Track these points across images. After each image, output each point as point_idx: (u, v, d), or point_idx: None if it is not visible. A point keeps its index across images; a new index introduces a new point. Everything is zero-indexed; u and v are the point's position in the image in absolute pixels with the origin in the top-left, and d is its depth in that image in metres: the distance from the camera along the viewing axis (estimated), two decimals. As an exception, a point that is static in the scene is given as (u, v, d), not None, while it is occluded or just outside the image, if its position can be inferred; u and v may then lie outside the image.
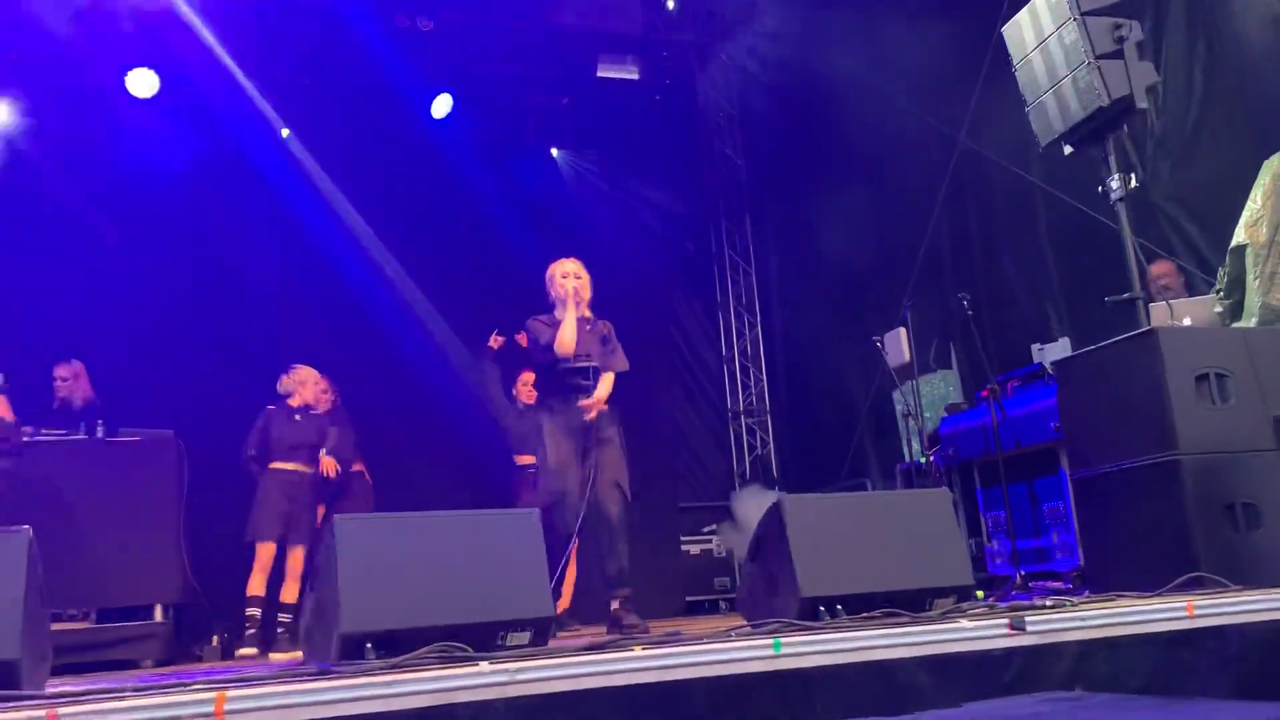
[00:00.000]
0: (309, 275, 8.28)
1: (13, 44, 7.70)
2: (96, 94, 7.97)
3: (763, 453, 9.86)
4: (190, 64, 7.96)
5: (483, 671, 2.66)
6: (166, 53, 7.92)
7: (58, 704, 2.35)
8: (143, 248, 7.90)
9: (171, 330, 7.72)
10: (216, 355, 7.56)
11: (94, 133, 8.01)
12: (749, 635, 3.10)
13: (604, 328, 5.44)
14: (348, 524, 3.15)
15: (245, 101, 8.36)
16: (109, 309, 7.68)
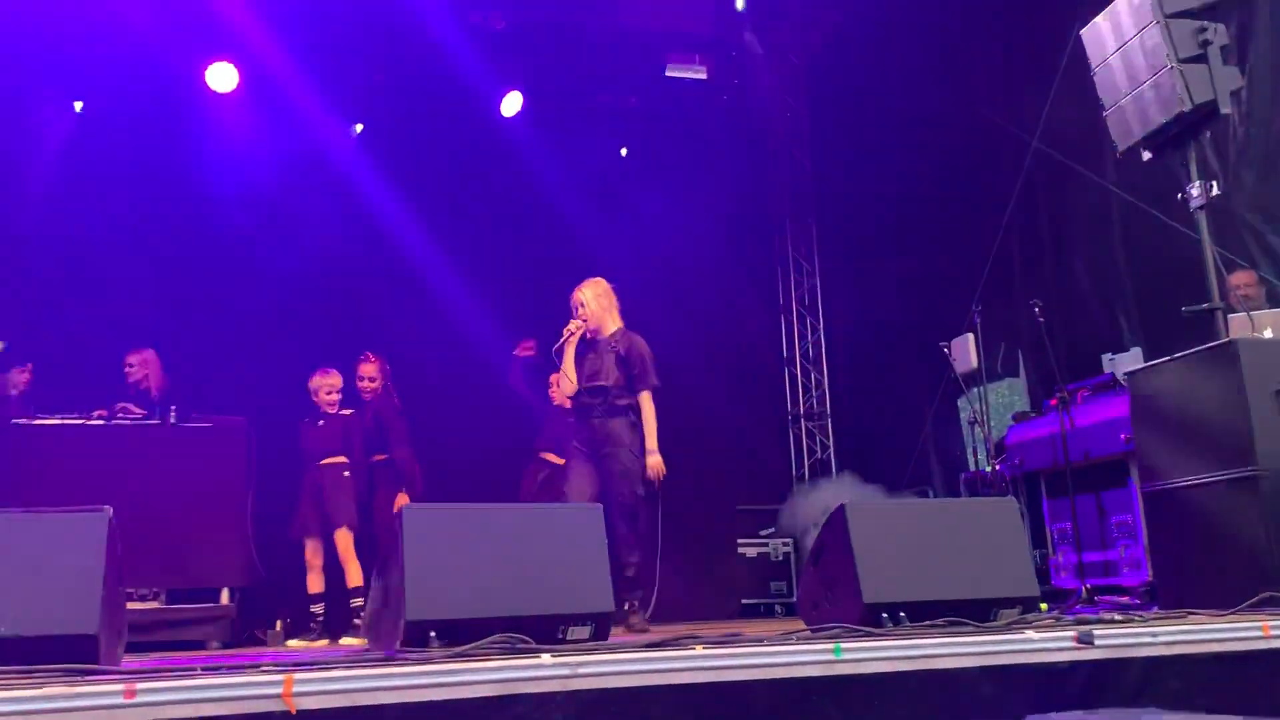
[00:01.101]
0: (378, 269, 8.41)
1: (95, 35, 7.92)
2: (176, 87, 8.15)
3: (823, 456, 9.79)
4: (268, 59, 8.11)
5: (544, 664, 2.69)
6: (245, 48, 8.08)
7: (135, 679, 2.42)
8: (221, 239, 8.08)
9: (245, 319, 7.89)
10: (288, 345, 7.69)
11: (173, 124, 8.21)
12: (810, 639, 3.09)
13: (622, 346, 5.47)
14: (415, 513, 3.20)
15: (320, 97, 8.50)
16: (186, 298, 7.88)
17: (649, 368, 5.41)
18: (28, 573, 2.82)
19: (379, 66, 8.72)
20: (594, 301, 5.53)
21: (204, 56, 8.11)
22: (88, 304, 7.51)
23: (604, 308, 5.55)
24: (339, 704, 2.50)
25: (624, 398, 5.38)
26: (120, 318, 7.38)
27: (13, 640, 2.71)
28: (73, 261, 7.70)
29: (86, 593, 2.78)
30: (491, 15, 8.34)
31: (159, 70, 8.09)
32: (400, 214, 8.50)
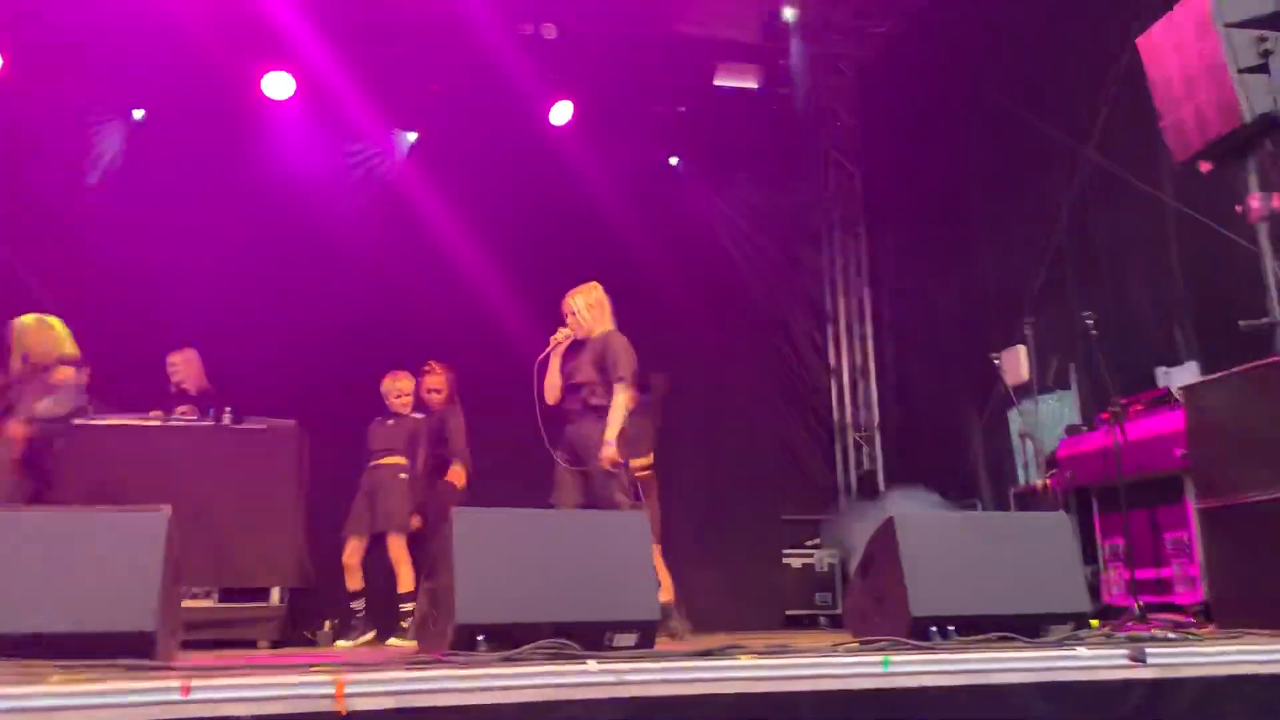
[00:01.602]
0: (428, 275, 8.47)
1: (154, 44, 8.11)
2: (234, 95, 8.31)
3: (870, 468, 9.72)
4: (323, 68, 8.24)
5: (591, 671, 2.70)
6: (301, 57, 8.22)
7: (192, 676, 2.47)
8: (275, 244, 8.21)
9: (299, 323, 7.99)
10: (341, 349, 7.75)
11: (230, 131, 8.37)
12: (858, 651, 3.08)
13: (599, 344, 5.40)
14: (465, 516, 3.23)
15: (373, 105, 8.62)
16: (240, 301, 8.01)
17: (620, 361, 5.27)
18: (88, 569, 2.89)
19: (432, 75, 8.82)
20: (585, 310, 5.50)
21: (261, 65, 8.24)
22: (144, 305, 7.65)
23: (595, 317, 5.50)
24: (389, 705, 2.53)
25: (597, 397, 5.28)
26: (176, 319, 7.50)
27: (72, 635, 2.78)
28: (129, 263, 7.84)
29: (145, 590, 2.84)
30: (543, 25, 8.39)
31: (217, 79, 8.24)
32: (450, 221, 8.57)
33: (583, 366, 5.35)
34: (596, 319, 5.48)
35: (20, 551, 2.88)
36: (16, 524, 3.00)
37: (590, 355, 5.36)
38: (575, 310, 5.50)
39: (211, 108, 8.35)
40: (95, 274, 7.76)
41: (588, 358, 5.36)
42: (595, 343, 5.41)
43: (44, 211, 7.82)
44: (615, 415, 5.17)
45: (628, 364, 5.29)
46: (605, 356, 5.30)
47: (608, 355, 5.29)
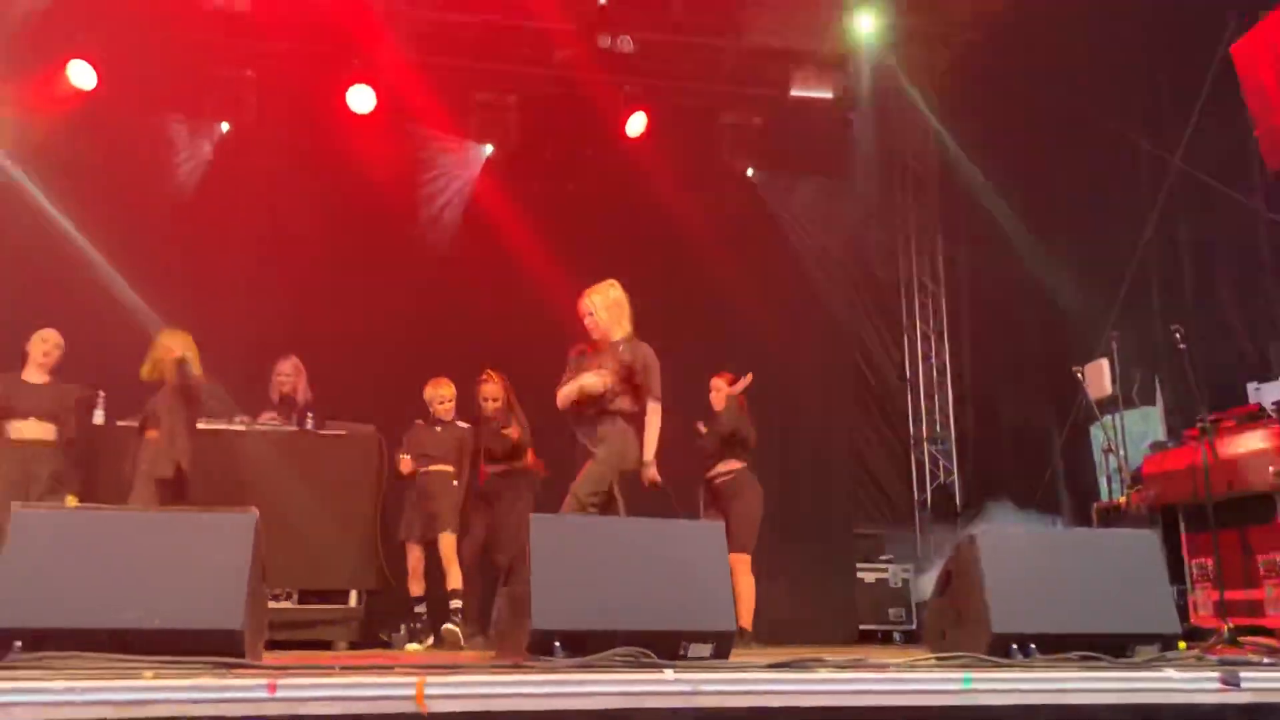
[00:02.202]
0: (502, 286, 8.56)
1: (240, 58, 8.36)
2: (319, 107, 8.50)
3: (946, 482, 9.57)
4: (404, 82, 8.40)
5: (667, 680, 2.70)
6: (383, 71, 8.38)
7: (278, 675, 2.52)
8: (354, 254, 8.38)
9: (379, 331, 8.14)
10: (418, 357, 7.84)
11: (314, 143, 8.57)
12: (937, 667, 3.03)
13: (628, 354, 5.15)
14: (543, 523, 3.26)
15: (451, 117, 8.76)
16: (320, 309, 8.18)
17: (655, 378, 5.12)
18: (179, 568, 2.98)
19: (509, 88, 8.93)
20: (603, 310, 5.29)
21: (345, 79, 8.42)
22: (228, 313, 7.83)
23: (613, 317, 5.28)
24: (468, 708, 2.56)
25: (618, 404, 5.09)
26: (260, 327, 7.68)
27: (164, 631, 2.86)
28: (213, 273, 8.06)
29: (233, 590, 2.92)
30: (620, 37, 8.44)
31: (301, 92, 8.45)
32: (524, 232, 8.65)
33: (623, 385, 5.11)
34: (614, 320, 5.27)
35: (115, 550, 2.98)
36: (111, 523, 3.10)
37: (614, 363, 5.12)
38: (592, 310, 5.29)
39: (295, 120, 8.55)
40: (182, 283, 7.98)
41: (610, 364, 5.12)
42: (620, 350, 5.17)
43: (134, 223, 8.06)
44: (653, 435, 5.03)
45: (657, 378, 5.13)
46: (636, 370, 5.10)
47: (637, 367, 5.10)
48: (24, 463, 5.74)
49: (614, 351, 5.17)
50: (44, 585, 2.89)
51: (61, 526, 3.06)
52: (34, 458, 5.78)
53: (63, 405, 5.94)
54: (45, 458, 5.81)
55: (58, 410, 5.91)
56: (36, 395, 5.87)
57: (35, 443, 5.81)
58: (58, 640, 2.77)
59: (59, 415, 5.91)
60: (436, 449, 6.50)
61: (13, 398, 5.81)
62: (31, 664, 2.66)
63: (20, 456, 5.75)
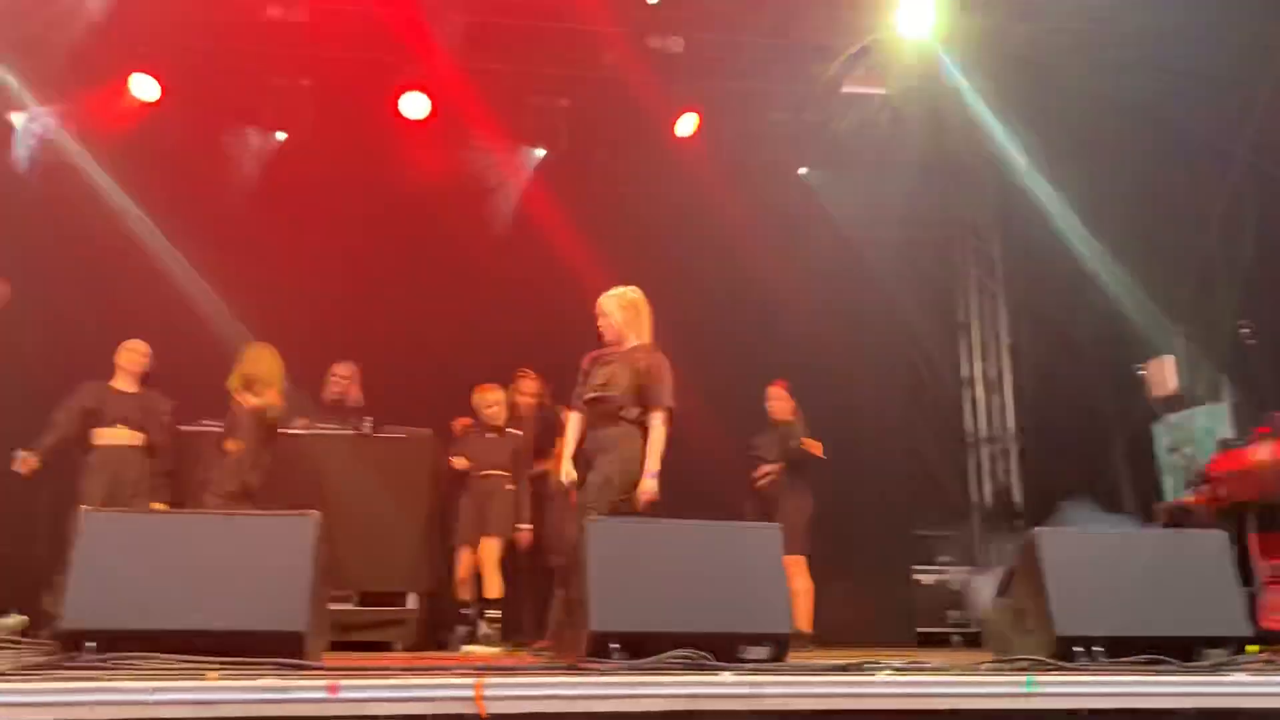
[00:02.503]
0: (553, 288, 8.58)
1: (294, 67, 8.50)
2: (373, 114, 8.61)
3: (1005, 482, 9.42)
4: (455, 88, 8.47)
5: (725, 682, 2.69)
6: (436, 77, 8.46)
7: (339, 676, 2.56)
8: (408, 260, 8.49)
9: (435, 334, 8.22)
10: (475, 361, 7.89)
11: (368, 150, 8.68)
12: (999, 670, 2.98)
13: (643, 362, 4.99)
14: (598, 526, 3.26)
15: (503, 121, 8.81)
16: (373, 313, 8.29)
17: (667, 387, 4.93)
18: (242, 571, 3.03)
19: (561, 90, 8.96)
20: (618, 312, 5.15)
21: (399, 86, 8.52)
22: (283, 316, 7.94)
23: (627, 320, 5.13)
24: (527, 710, 2.57)
25: (630, 411, 4.92)
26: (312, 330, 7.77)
27: (227, 634, 2.91)
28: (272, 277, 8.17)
29: (295, 592, 2.96)
30: (670, 38, 8.43)
31: (355, 99, 8.56)
32: (577, 235, 8.66)
33: (620, 381, 4.94)
34: (629, 324, 5.12)
35: (181, 552, 3.04)
36: (177, 526, 3.17)
37: (628, 371, 4.95)
38: (607, 312, 5.17)
39: (350, 128, 8.66)
40: (240, 288, 8.13)
41: (623, 371, 4.96)
42: (635, 357, 5.01)
43: (194, 231, 8.24)
44: (658, 446, 4.81)
45: (669, 390, 4.94)
46: (649, 378, 4.92)
47: (653, 377, 4.93)
48: (112, 469, 5.91)
49: (627, 358, 5.02)
50: (113, 587, 2.96)
51: (129, 529, 3.13)
52: (121, 463, 5.94)
53: (150, 414, 6.12)
54: (132, 464, 5.98)
55: (145, 419, 6.09)
56: (125, 403, 6.06)
57: (123, 449, 5.98)
58: (127, 641, 2.83)
59: (146, 423, 6.09)
60: (491, 455, 6.55)
61: (103, 405, 5.99)
62: (102, 664, 2.72)
63: (108, 462, 5.91)
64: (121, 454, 5.98)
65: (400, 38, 8.20)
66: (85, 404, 5.98)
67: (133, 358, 6.16)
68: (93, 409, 5.98)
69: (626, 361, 5.00)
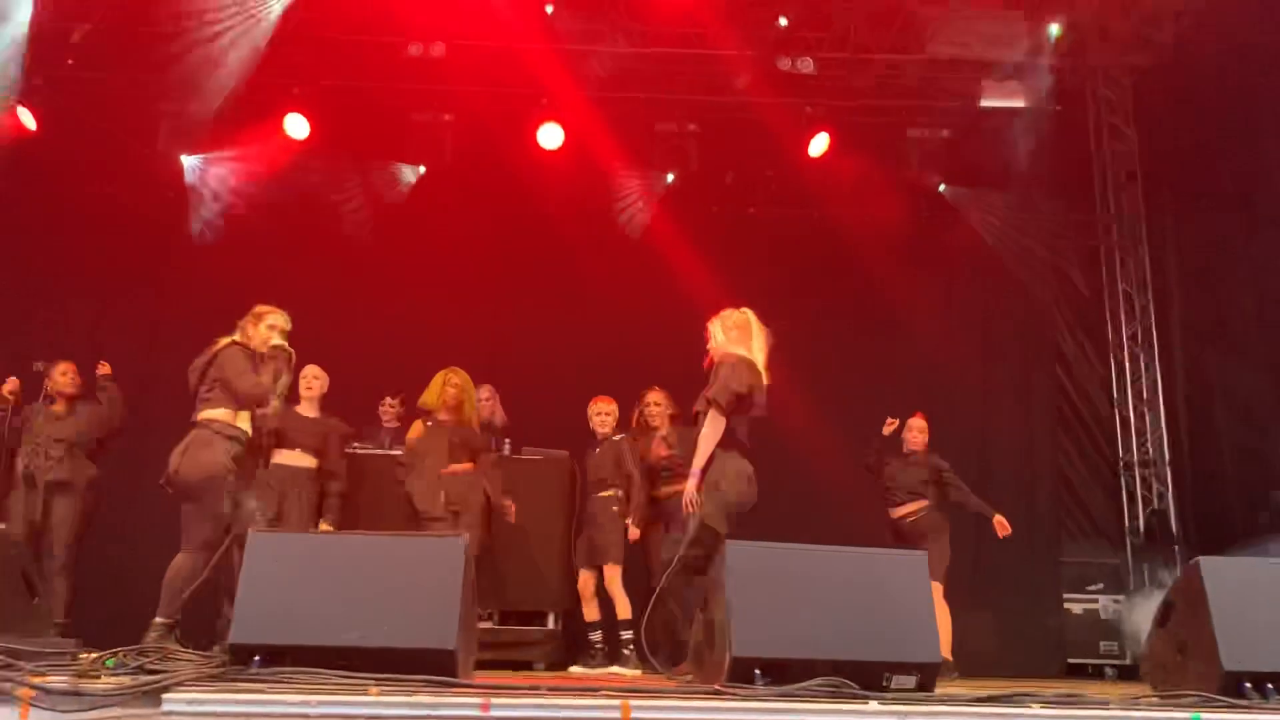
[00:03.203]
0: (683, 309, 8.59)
1: (440, 103, 8.82)
2: (511, 146, 8.86)
3: (1159, 506, 8.97)
4: (588, 118, 8.65)
5: (872, 710, 2.66)
6: (569, 109, 8.67)
7: (490, 694, 2.63)
8: (544, 283, 8.69)
9: (569, 358, 8.38)
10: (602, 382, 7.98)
11: (506, 181, 8.93)
12: (1161, 706, 2.86)
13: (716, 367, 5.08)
14: (738, 550, 3.26)
15: (634, 148, 8.95)
16: (512, 338, 8.50)
17: (719, 384, 4.91)
18: (396, 590, 3.14)
19: (692, 116, 9.04)
20: (720, 333, 5.20)
21: (535, 118, 8.75)
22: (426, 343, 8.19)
23: (732, 340, 5.15)
24: (672, 732, 2.59)
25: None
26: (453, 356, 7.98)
27: (383, 650, 3.02)
28: (413, 305, 8.47)
29: (447, 610, 3.06)
30: (800, 59, 8.41)
31: (495, 131, 8.82)
32: (707, 256, 8.67)
33: (702, 396, 5.06)
34: (736, 343, 5.14)
35: (339, 571, 3.17)
36: (335, 546, 3.31)
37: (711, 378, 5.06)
38: (711, 334, 5.24)
39: (489, 160, 8.92)
40: (382, 317, 8.46)
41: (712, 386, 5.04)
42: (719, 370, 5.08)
43: (342, 262, 8.62)
44: (703, 443, 4.85)
45: (724, 386, 4.90)
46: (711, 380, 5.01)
47: (712, 378, 5.01)
48: (283, 486, 6.16)
49: (713, 372, 5.08)
50: (277, 604, 3.11)
51: (291, 549, 3.29)
52: (293, 482, 6.21)
53: (327, 439, 6.40)
54: (304, 484, 6.25)
55: (321, 443, 6.36)
56: (306, 427, 6.35)
57: (296, 470, 6.26)
58: (291, 655, 2.97)
59: (321, 448, 6.36)
60: (598, 471, 6.43)
61: (286, 428, 6.25)
62: (268, 678, 2.86)
63: (280, 481, 6.17)
64: (293, 473, 6.24)
65: (535, 71, 8.43)
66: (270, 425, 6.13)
67: (308, 383, 6.43)
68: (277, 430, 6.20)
69: (712, 376, 5.08)
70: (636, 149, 8.99)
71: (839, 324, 8.76)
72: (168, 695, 2.58)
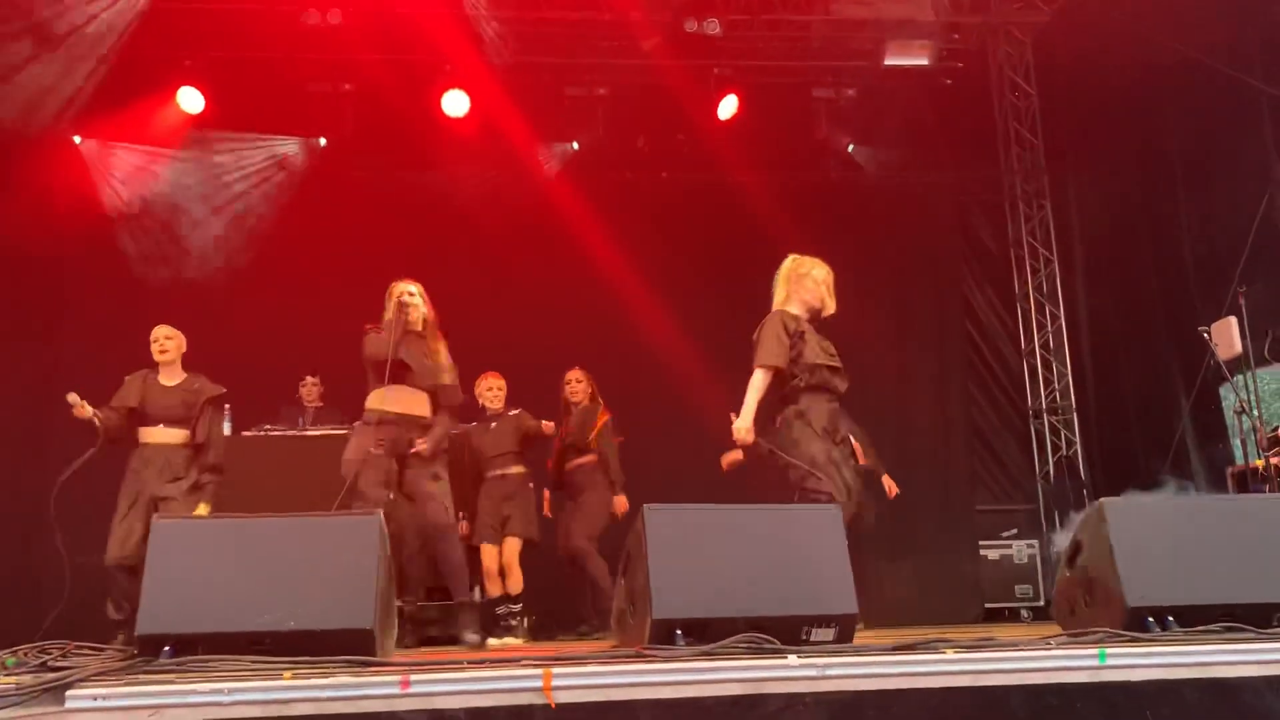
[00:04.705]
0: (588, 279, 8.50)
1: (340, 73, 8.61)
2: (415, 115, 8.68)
3: (1068, 453, 9.26)
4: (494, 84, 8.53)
5: (791, 665, 2.68)
6: (474, 75, 8.53)
7: (409, 671, 2.59)
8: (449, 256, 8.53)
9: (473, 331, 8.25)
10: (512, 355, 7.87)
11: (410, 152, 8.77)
12: (1071, 644, 2.94)
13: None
14: (656, 513, 3.26)
15: (542, 114, 8.85)
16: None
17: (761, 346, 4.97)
18: (310, 572, 3.07)
19: (600, 80, 8.98)
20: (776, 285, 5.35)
21: (439, 85, 8.60)
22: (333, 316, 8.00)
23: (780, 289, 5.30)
24: (594, 698, 2.59)
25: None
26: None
27: (298, 634, 2.96)
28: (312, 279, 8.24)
29: (363, 590, 3.00)
30: (706, 20, 8.39)
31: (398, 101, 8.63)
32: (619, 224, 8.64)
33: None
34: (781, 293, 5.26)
35: (249, 555, 3.09)
36: (244, 530, 3.22)
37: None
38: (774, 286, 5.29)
39: (391, 130, 8.72)
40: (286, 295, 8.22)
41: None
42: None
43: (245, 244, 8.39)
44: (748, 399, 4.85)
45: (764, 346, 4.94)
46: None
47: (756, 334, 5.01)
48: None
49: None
50: (185, 592, 3.02)
51: (199, 534, 3.19)
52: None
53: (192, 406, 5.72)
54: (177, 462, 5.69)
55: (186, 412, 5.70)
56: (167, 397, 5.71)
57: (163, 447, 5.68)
58: (202, 644, 2.89)
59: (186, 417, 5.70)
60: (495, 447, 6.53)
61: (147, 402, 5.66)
62: (179, 668, 2.78)
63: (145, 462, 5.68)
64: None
65: (438, 38, 8.26)
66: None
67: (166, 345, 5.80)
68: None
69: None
70: (546, 115, 8.89)
71: (753, 286, 8.78)
72: (71, 692, 2.49)
